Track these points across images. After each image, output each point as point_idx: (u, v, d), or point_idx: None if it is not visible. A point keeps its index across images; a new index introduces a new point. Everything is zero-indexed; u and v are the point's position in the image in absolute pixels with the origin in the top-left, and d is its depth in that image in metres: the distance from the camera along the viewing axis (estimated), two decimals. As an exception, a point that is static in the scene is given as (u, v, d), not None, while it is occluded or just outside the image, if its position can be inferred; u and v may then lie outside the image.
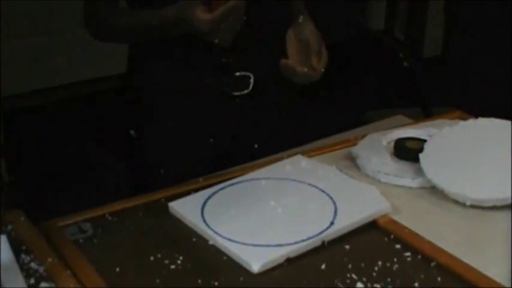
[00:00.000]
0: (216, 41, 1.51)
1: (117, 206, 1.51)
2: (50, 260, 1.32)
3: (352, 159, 1.70)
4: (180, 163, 1.74)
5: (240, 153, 1.75)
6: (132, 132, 1.78)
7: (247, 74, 1.69)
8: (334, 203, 1.49)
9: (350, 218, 1.44)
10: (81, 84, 4.06)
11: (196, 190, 1.56)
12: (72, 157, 3.42)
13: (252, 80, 1.70)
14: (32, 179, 3.23)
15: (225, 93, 1.70)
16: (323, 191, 1.54)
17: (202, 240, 1.41)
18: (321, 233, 1.39)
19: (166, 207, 1.51)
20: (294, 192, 1.54)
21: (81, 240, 1.41)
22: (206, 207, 1.48)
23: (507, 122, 1.70)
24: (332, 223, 1.42)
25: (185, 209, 1.49)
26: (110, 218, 1.48)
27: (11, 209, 1.47)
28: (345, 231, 1.42)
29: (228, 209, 1.48)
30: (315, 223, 1.42)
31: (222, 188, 1.55)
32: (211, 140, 1.72)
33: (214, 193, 1.53)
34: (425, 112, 2.57)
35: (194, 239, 1.41)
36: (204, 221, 1.44)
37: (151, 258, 1.35)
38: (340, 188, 1.55)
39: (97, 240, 1.41)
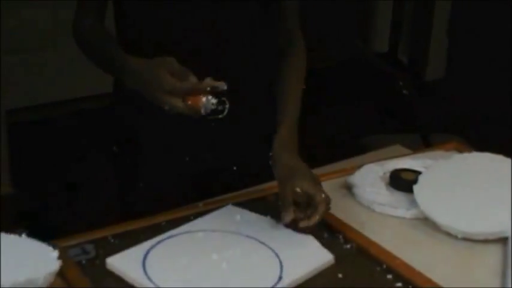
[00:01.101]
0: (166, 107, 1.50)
1: (120, 229, 1.56)
2: (53, 280, 1.36)
3: (348, 188, 1.74)
4: (159, 180, 1.78)
5: (222, 175, 1.80)
6: (114, 148, 1.81)
7: (223, 99, 1.69)
8: (277, 256, 1.46)
9: (297, 271, 1.42)
10: (86, 100, 4.10)
11: (195, 215, 1.60)
12: (76, 171, 3.45)
13: (227, 106, 1.69)
14: (36, 191, 3.27)
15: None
16: (263, 243, 1.51)
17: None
18: None
19: (166, 231, 1.55)
20: (233, 245, 1.51)
21: (83, 261, 1.45)
22: (147, 263, 1.43)
23: (501, 157, 1.74)
24: (280, 277, 1.40)
25: (125, 265, 1.43)
26: (112, 240, 1.52)
27: (14, 223, 1.51)
28: (294, 285, 1.40)
29: (171, 264, 1.43)
30: (263, 278, 1.40)
31: (159, 242, 1.50)
32: (187, 158, 1.75)
33: (152, 247, 1.48)
34: (424, 140, 2.61)
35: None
36: (148, 277, 1.38)
37: (151, 281, 1.39)
38: (279, 239, 1.52)
39: (99, 262, 1.45)
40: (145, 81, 1.51)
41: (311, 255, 1.48)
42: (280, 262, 1.45)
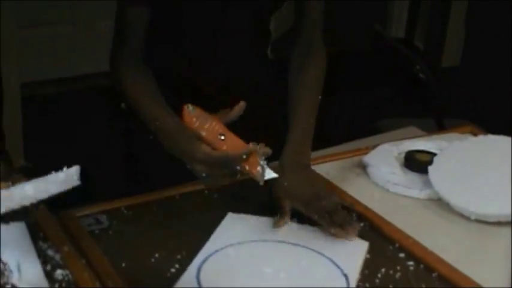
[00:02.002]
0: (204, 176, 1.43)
1: (133, 201, 1.56)
2: (66, 248, 1.36)
3: (363, 168, 1.74)
4: None
5: None
6: (122, 105, 1.79)
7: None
8: (332, 260, 1.40)
9: (355, 269, 1.38)
10: (102, 75, 4.11)
11: (209, 189, 1.60)
12: (89, 145, 3.46)
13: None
14: (49, 165, 3.27)
15: None
16: (305, 247, 1.44)
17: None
18: None
19: (180, 204, 1.56)
20: (282, 254, 1.43)
21: (96, 231, 1.46)
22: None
23: (517, 140, 1.74)
24: (345, 275, 1.35)
25: None
26: (125, 212, 1.53)
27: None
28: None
29: (231, 283, 1.33)
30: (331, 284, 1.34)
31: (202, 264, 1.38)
32: None
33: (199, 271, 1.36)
34: (438, 124, 2.60)
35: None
36: None
37: (164, 253, 1.40)
38: (314, 240, 1.46)
39: (112, 232, 1.46)
40: (179, 148, 1.46)
41: (353, 248, 1.43)
42: (335, 263, 1.39)
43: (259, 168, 1.40)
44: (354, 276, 1.36)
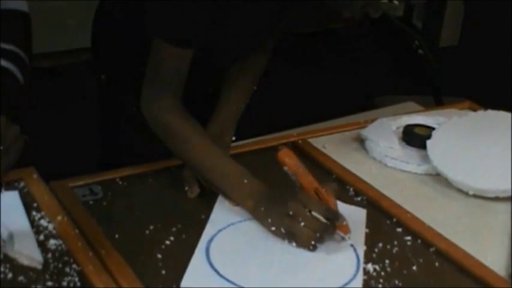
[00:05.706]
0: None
1: (128, 171, 1.55)
2: (59, 218, 1.35)
3: (361, 142, 1.72)
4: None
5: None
6: (102, 76, 1.77)
7: None
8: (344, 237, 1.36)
9: (361, 238, 1.38)
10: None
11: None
12: (85, 118, 3.44)
13: None
14: (44, 137, 3.27)
15: None
16: None
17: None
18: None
19: (176, 175, 1.54)
20: None
21: (90, 202, 1.44)
22: (217, 267, 1.29)
23: (515, 116, 1.73)
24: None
25: (199, 279, 1.27)
26: (120, 183, 1.51)
27: (23, 167, 1.50)
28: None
29: (242, 260, 1.31)
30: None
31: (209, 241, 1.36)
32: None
33: (207, 250, 1.34)
34: (436, 100, 2.59)
35: (203, 216, 1.43)
36: (227, 279, 1.26)
37: (159, 225, 1.38)
38: None
39: (106, 203, 1.44)
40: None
41: (354, 218, 1.40)
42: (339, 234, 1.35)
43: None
44: (361, 246, 1.35)
